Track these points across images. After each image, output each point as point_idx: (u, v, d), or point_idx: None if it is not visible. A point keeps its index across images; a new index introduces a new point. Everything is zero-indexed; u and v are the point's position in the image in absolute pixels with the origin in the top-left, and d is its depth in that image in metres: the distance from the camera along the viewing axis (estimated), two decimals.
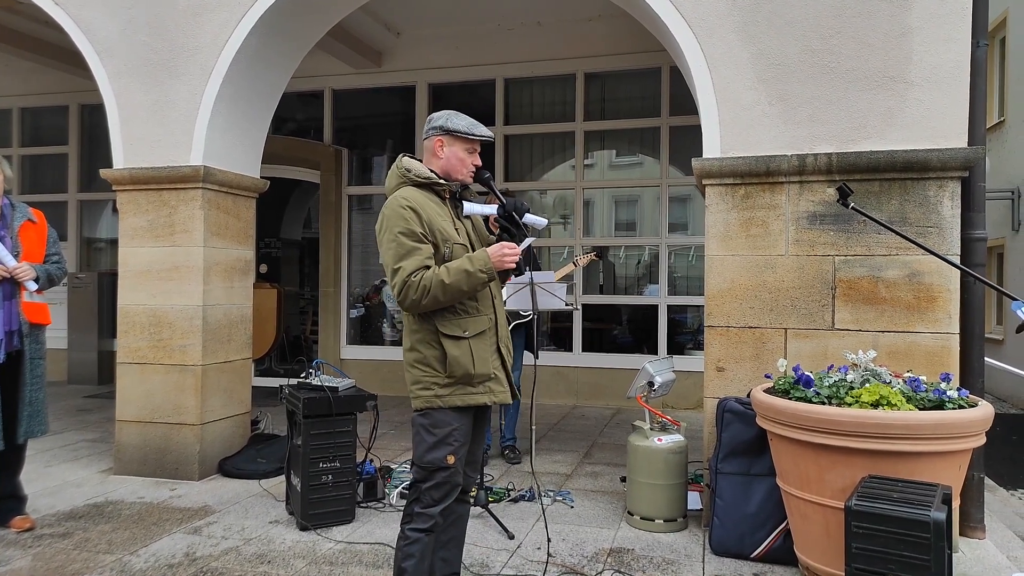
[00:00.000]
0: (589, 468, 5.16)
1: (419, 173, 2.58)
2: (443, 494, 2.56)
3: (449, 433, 2.55)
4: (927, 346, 3.64)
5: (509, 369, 2.70)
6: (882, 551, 2.48)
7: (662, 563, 3.44)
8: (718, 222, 3.94)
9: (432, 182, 2.59)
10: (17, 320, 3.75)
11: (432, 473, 2.54)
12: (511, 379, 2.69)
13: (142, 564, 3.42)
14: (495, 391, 2.63)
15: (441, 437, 2.54)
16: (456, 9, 7.48)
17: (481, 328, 2.59)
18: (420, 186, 2.58)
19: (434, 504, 2.54)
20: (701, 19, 3.97)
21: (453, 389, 2.55)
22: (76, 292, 8.85)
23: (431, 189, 2.60)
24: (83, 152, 9.50)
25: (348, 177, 8.73)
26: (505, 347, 2.70)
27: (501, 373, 2.66)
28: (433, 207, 2.55)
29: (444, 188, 2.61)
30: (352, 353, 8.55)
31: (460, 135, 2.60)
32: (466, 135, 2.60)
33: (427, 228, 2.50)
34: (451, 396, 2.55)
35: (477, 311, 2.60)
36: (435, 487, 2.54)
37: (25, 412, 3.79)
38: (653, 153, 7.98)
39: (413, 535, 2.53)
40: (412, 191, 2.56)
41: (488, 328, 2.61)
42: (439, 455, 2.53)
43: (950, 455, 2.84)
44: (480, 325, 2.59)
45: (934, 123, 3.67)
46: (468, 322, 2.57)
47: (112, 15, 5.02)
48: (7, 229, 3.79)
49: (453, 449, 2.55)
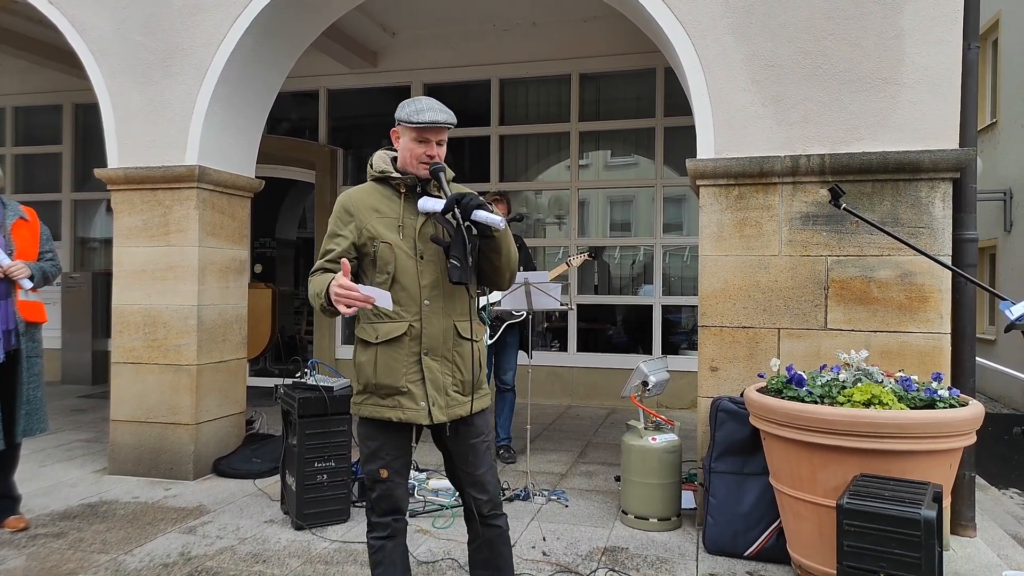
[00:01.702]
0: (584, 467, 5.18)
1: (375, 167, 2.49)
2: (388, 507, 2.43)
3: (377, 448, 2.40)
4: (919, 346, 3.67)
5: (441, 384, 2.38)
6: (873, 549, 2.50)
7: (656, 562, 3.46)
8: (712, 222, 3.96)
9: (385, 176, 2.45)
10: (13, 319, 3.74)
11: (373, 484, 2.43)
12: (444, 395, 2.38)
13: (137, 564, 3.42)
14: (404, 407, 2.35)
15: (372, 450, 2.42)
16: (452, 9, 7.48)
17: (395, 334, 2.34)
18: (377, 180, 2.48)
19: (384, 514, 2.44)
20: (695, 21, 3.99)
21: (364, 398, 2.42)
22: (70, 292, 8.82)
23: (387, 183, 2.46)
24: (77, 152, 9.47)
25: (343, 177, 8.73)
26: (440, 358, 2.38)
27: (419, 388, 2.35)
28: (376, 203, 2.44)
29: (398, 182, 2.43)
30: (347, 353, 8.52)
31: (406, 124, 2.36)
32: (407, 123, 2.35)
33: (353, 227, 2.41)
34: (363, 406, 2.42)
35: (395, 316, 2.35)
36: (378, 499, 2.43)
37: (23, 411, 3.79)
38: (648, 154, 8.00)
39: (375, 543, 2.47)
40: (364, 187, 2.51)
41: (405, 335, 2.35)
42: (373, 467, 2.41)
43: (941, 454, 2.86)
44: (394, 331, 2.35)
45: (926, 124, 3.70)
46: (381, 328, 2.36)
47: (107, 14, 5.01)
48: (0, 228, 3.78)
49: (385, 463, 2.39)
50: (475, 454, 2.47)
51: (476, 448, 2.48)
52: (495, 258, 2.40)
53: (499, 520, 2.53)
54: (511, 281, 2.51)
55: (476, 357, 2.46)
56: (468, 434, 2.47)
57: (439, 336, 2.38)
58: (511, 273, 2.47)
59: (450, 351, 2.40)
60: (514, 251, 2.45)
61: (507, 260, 2.42)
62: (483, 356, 2.54)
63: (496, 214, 2.29)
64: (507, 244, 2.40)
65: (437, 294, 2.38)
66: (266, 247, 10.17)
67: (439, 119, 2.35)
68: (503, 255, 2.39)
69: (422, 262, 2.38)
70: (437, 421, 2.38)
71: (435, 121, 2.34)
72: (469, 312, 2.46)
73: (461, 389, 2.43)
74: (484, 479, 2.48)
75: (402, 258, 2.38)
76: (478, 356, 2.48)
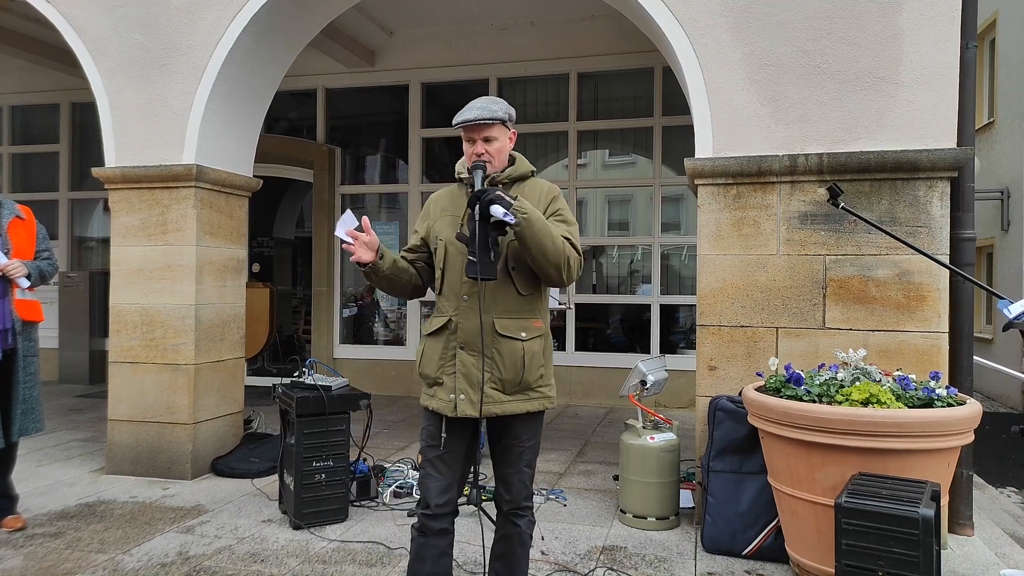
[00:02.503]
0: (582, 467, 5.18)
1: (456, 169, 2.62)
2: (423, 496, 2.50)
3: (421, 430, 2.56)
4: (917, 345, 3.68)
5: (476, 379, 2.39)
6: (872, 547, 2.50)
7: (655, 560, 3.46)
8: (710, 222, 3.96)
9: (458, 178, 2.59)
10: (10, 318, 3.73)
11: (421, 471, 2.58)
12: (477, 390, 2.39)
13: (135, 563, 3.42)
14: (437, 396, 2.46)
15: (421, 435, 2.58)
16: (449, 8, 7.48)
17: (436, 327, 2.48)
18: (457, 182, 2.61)
19: (421, 505, 2.51)
20: (693, 19, 3.99)
21: (423, 387, 2.58)
22: (67, 291, 8.81)
23: (461, 183, 2.58)
24: (74, 151, 9.46)
25: (341, 176, 8.73)
26: (476, 353, 2.40)
27: (451, 380, 2.42)
28: (449, 203, 2.57)
29: (466, 182, 2.52)
30: (345, 352, 8.55)
31: (455, 127, 2.48)
32: (455, 126, 2.47)
33: (426, 224, 2.59)
34: (421, 394, 2.59)
35: (442, 310, 2.49)
36: (420, 485, 2.58)
37: (19, 410, 3.78)
38: (646, 153, 8.00)
39: (412, 532, 2.54)
40: (447, 189, 2.64)
41: (445, 328, 2.45)
42: (421, 451, 2.58)
43: (939, 452, 2.87)
44: (437, 324, 2.48)
45: (924, 124, 3.70)
46: (432, 321, 2.53)
47: (104, 13, 5.00)
48: None
49: (422, 448, 2.54)
50: (508, 455, 2.51)
51: (510, 449, 2.50)
52: (527, 253, 2.35)
53: (519, 520, 2.55)
54: (562, 278, 2.40)
55: (523, 357, 2.42)
56: (506, 434, 2.50)
57: (475, 331, 2.39)
58: (556, 269, 2.37)
59: (488, 347, 2.40)
60: (552, 246, 2.34)
61: (541, 254, 2.33)
62: (536, 358, 2.46)
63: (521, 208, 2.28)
64: (535, 239, 2.31)
65: (476, 291, 2.38)
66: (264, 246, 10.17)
67: (470, 116, 2.41)
68: (532, 250, 2.33)
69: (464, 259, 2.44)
70: (462, 415, 2.40)
71: (466, 120, 2.42)
72: (518, 310, 2.44)
73: (501, 387, 2.41)
74: (510, 479, 2.52)
75: (452, 254, 2.46)
76: (526, 356, 2.42)
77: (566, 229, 2.44)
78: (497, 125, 2.45)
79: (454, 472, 2.50)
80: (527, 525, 2.58)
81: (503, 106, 2.49)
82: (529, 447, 2.52)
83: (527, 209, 2.30)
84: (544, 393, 2.52)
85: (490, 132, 2.45)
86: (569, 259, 2.38)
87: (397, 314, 8.70)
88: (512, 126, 2.55)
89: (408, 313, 8.47)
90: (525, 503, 2.55)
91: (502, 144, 2.48)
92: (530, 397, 2.47)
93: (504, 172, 2.51)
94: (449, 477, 2.49)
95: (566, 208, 2.54)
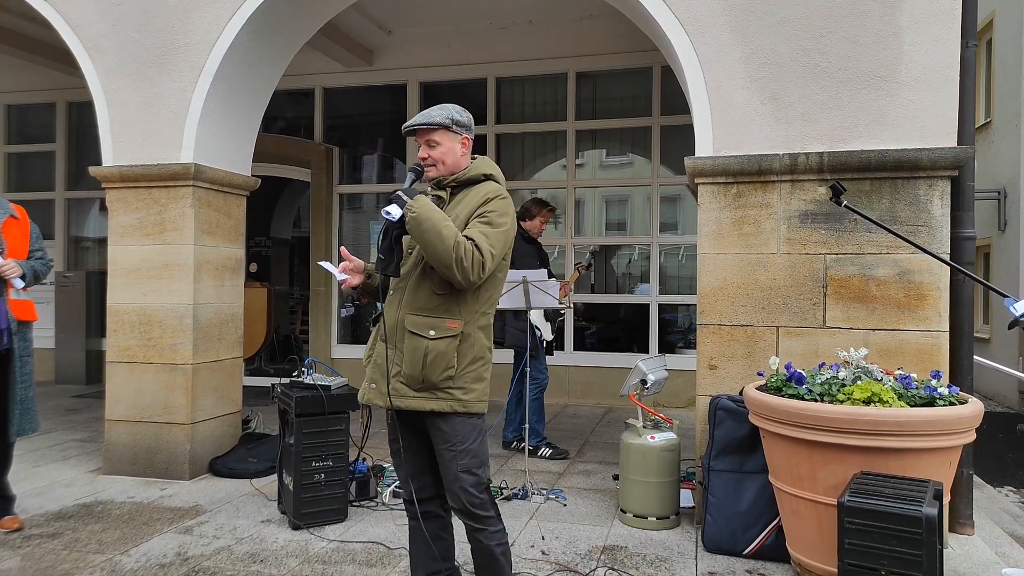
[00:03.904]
0: (581, 467, 5.17)
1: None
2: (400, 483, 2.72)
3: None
4: (917, 344, 3.67)
5: (384, 370, 2.48)
6: (875, 547, 2.50)
7: (655, 560, 3.46)
8: (710, 221, 3.96)
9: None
10: (5, 318, 3.71)
11: None
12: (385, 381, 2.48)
13: (133, 564, 3.40)
14: (363, 386, 2.62)
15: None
16: (448, 7, 7.46)
17: (375, 318, 2.62)
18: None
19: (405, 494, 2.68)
20: (694, 18, 3.99)
21: None
22: (63, 291, 8.77)
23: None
24: (71, 150, 9.42)
25: (339, 176, 8.70)
26: (392, 347, 2.49)
27: (369, 369, 2.58)
28: None
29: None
30: (343, 352, 8.52)
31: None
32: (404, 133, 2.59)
33: None
34: None
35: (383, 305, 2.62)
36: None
37: (16, 410, 3.76)
38: (644, 153, 8.00)
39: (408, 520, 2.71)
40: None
41: (377, 319, 2.60)
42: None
43: (941, 451, 2.86)
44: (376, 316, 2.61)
45: (924, 123, 3.70)
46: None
47: (101, 11, 4.98)
48: None
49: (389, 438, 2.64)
50: (442, 461, 2.51)
51: (442, 455, 2.51)
52: (423, 251, 2.41)
53: (477, 533, 2.51)
54: (457, 277, 2.36)
55: (425, 355, 2.42)
56: (435, 438, 2.52)
57: (392, 325, 2.52)
58: (447, 268, 2.34)
59: (399, 342, 2.50)
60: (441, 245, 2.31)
61: (429, 253, 2.35)
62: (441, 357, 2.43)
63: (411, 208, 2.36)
64: (421, 237, 2.34)
65: (402, 286, 2.52)
66: (261, 246, 10.14)
67: (410, 123, 2.55)
68: (424, 249, 2.38)
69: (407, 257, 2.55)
70: (365, 401, 2.58)
71: (406, 126, 2.56)
72: (432, 309, 2.45)
73: (408, 382, 2.47)
74: (451, 488, 2.50)
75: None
76: (428, 355, 2.42)
77: (479, 231, 2.40)
78: (438, 131, 2.52)
79: (413, 462, 2.62)
80: (487, 537, 2.51)
81: (448, 111, 2.54)
82: (461, 451, 2.46)
83: (417, 209, 2.34)
84: (454, 395, 2.45)
85: (430, 137, 2.53)
86: (461, 260, 2.32)
87: None
88: (463, 131, 2.56)
89: None
90: (478, 512, 2.48)
91: (446, 148, 2.54)
92: (437, 396, 2.45)
93: (453, 176, 2.55)
94: (409, 466, 2.62)
95: (495, 211, 2.47)
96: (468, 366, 2.48)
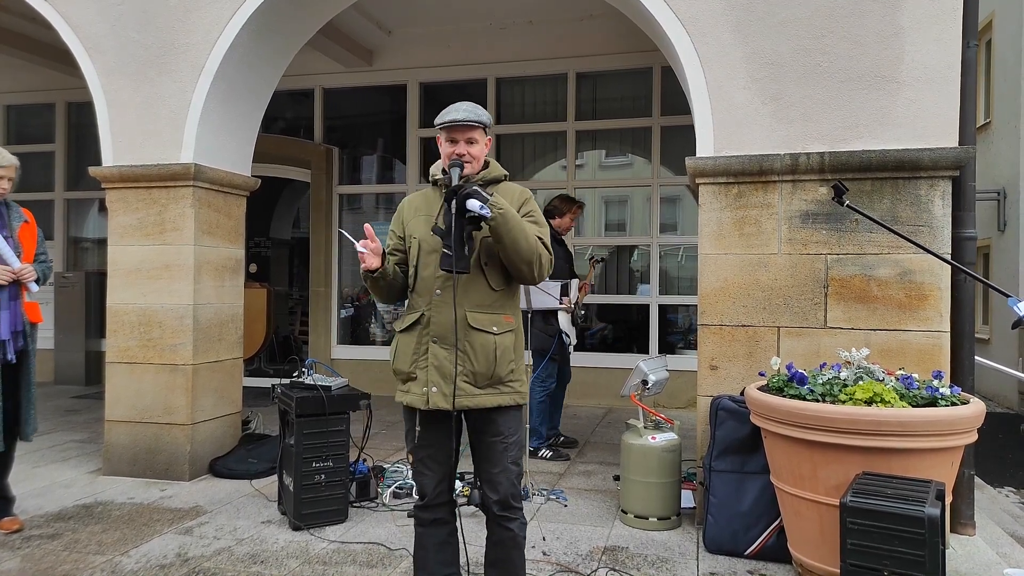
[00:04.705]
0: (582, 467, 5.16)
1: (431, 172, 2.67)
2: (418, 492, 2.62)
3: (406, 432, 2.61)
4: (918, 344, 3.67)
5: (448, 372, 2.43)
6: (877, 547, 2.50)
7: (656, 561, 3.45)
8: (711, 221, 3.95)
9: (434, 179, 2.64)
10: (21, 320, 3.79)
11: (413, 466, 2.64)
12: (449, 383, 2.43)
13: (133, 565, 3.39)
14: (411, 391, 2.50)
15: (405, 433, 2.62)
16: (448, 8, 7.46)
17: (409, 322, 2.52)
18: (433, 184, 2.65)
19: (419, 498, 2.62)
20: (695, 18, 3.98)
21: (397, 384, 2.61)
22: (63, 292, 8.76)
23: (436, 186, 2.63)
24: (70, 150, 9.41)
25: (339, 176, 8.70)
26: (449, 347, 2.44)
27: (424, 373, 2.46)
28: (422, 204, 2.63)
29: (440, 183, 2.58)
30: (342, 353, 8.52)
31: (437, 126, 2.56)
32: (438, 125, 2.55)
33: (400, 225, 2.65)
34: (397, 391, 2.61)
35: (415, 306, 2.54)
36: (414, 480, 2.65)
37: (30, 410, 3.85)
38: (644, 153, 8.00)
39: (416, 525, 2.64)
40: (420, 192, 2.70)
41: (417, 323, 2.50)
42: (407, 450, 2.62)
43: (943, 451, 2.86)
44: (410, 320, 2.53)
45: (925, 123, 3.70)
46: (405, 317, 2.57)
47: (101, 11, 4.97)
48: (7, 229, 3.82)
49: (411, 446, 2.58)
50: (492, 452, 2.52)
51: (493, 447, 2.52)
52: (499, 248, 2.43)
53: (511, 524, 2.55)
54: (532, 275, 2.48)
55: (495, 351, 2.46)
56: (486, 431, 2.52)
57: (448, 325, 2.44)
58: (528, 265, 2.45)
59: (461, 341, 2.44)
60: (526, 243, 2.42)
61: (513, 250, 2.41)
62: (507, 352, 2.50)
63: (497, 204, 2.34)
64: (510, 234, 2.39)
65: (449, 285, 2.43)
66: (261, 246, 10.13)
67: (458, 117, 2.48)
68: (506, 245, 2.41)
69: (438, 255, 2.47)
70: (434, 407, 2.45)
71: (455, 120, 2.48)
72: (490, 305, 2.50)
73: (473, 380, 2.46)
74: (496, 479, 2.51)
75: (425, 251, 2.51)
76: (498, 350, 2.47)
77: (537, 230, 2.51)
78: (479, 129, 2.54)
79: (443, 467, 2.57)
80: (519, 528, 2.57)
81: (485, 111, 2.59)
82: (512, 443, 2.54)
83: (503, 205, 2.37)
84: (515, 388, 2.54)
85: (473, 135, 2.53)
86: (540, 257, 2.47)
87: (393, 315, 8.67)
88: (489, 133, 2.63)
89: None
90: (515, 503, 2.55)
91: (481, 148, 2.56)
92: (502, 391, 2.50)
93: (479, 175, 2.57)
94: (439, 473, 2.57)
95: (537, 211, 2.61)
96: (519, 359, 2.58)
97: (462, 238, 2.37)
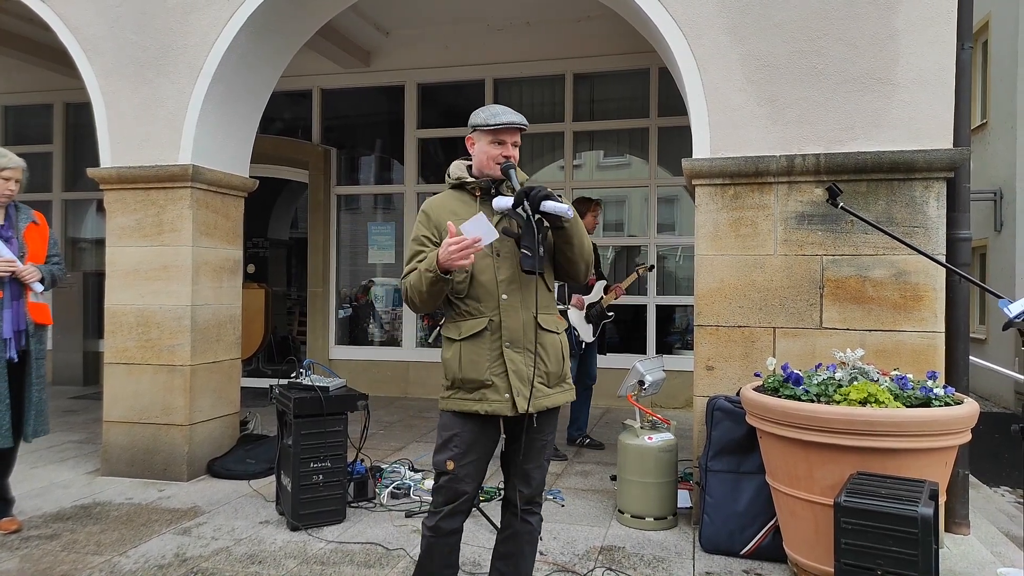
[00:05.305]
0: (579, 467, 5.18)
1: (452, 175, 2.59)
2: (444, 499, 2.49)
3: (450, 438, 2.48)
4: (913, 345, 3.69)
5: (526, 376, 2.42)
6: (871, 547, 2.51)
7: (653, 560, 3.47)
8: (708, 222, 3.97)
9: (462, 182, 2.56)
10: (24, 320, 3.80)
11: (437, 476, 2.51)
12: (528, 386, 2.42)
13: (131, 565, 3.40)
14: (489, 399, 2.42)
15: (444, 440, 2.50)
16: (445, 9, 7.48)
17: (476, 329, 2.44)
18: (455, 187, 2.58)
19: (439, 507, 2.50)
20: (691, 20, 4.00)
21: (452, 393, 2.49)
22: (61, 293, 8.73)
23: (463, 189, 2.56)
24: (68, 151, 9.40)
25: (337, 177, 8.70)
26: (522, 350, 2.44)
27: (503, 380, 2.42)
28: (455, 207, 2.52)
29: (473, 186, 2.53)
30: (341, 353, 8.52)
31: (482, 128, 2.48)
32: (484, 126, 2.47)
33: (435, 231, 2.49)
34: (450, 400, 2.50)
35: (476, 312, 2.45)
36: (438, 490, 2.51)
37: (32, 412, 3.85)
38: (641, 154, 8.01)
39: (423, 531, 2.56)
40: (441, 195, 2.61)
41: (486, 330, 2.43)
42: (441, 458, 2.49)
43: (937, 452, 2.88)
44: (476, 327, 2.44)
45: (920, 124, 3.72)
46: (464, 324, 2.46)
47: (100, 13, 4.98)
48: (12, 230, 3.84)
49: (453, 455, 2.46)
50: (532, 449, 2.54)
51: (535, 443, 2.54)
52: (567, 249, 2.47)
53: (532, 518, 2.61)
54: (587, 273, 2.56)
55: (561, 350, 2.55)
56: (544, 429, 2.56)
57: (519, 329, 2.45)
58: (586, 264, 2.52)
59: (532, 343, 2.46)
60: (587, 242, 2.52)
61: (580, 250, 2.48)
62: (566, 349, 2.59)
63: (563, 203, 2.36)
64: (579, 234, 2.46)
65: (515, 288, 2.45)
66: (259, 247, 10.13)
67: (515, 120, 2.48)
68: (575, 245, 2.46)
69: (498, 259, 2.46)
70: (523, 411, 2.43)
71: (512, 122, 2.47)
72: (548, 305, 2.55)
73: (547, 380, 2.50)
74: (532, 474, 2.57)
75: (478, 256, 2.40)
76: (562, 349, 2.55)
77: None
78: (520, 132, 2.55)
79: (482, 474, 2.57)
80: (538, 523, 2.65)
81: None
82: (551, 440, 2.61)
83: (572, 209, 2.39)
84: (571, 383, 2.63)
85: (516, 138, 2.54)
86: (595, 257, 2.55)
87: (392, 315, 8.68)
88: None
89: (403, 314, 8.46)
90: (539, 499, 2.62)
91: (517, 152, 2.56)
92: (563, 388, 2.57)
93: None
94: (479, 480, 2.55)
95: None
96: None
97: (539, 239, 2.35)
